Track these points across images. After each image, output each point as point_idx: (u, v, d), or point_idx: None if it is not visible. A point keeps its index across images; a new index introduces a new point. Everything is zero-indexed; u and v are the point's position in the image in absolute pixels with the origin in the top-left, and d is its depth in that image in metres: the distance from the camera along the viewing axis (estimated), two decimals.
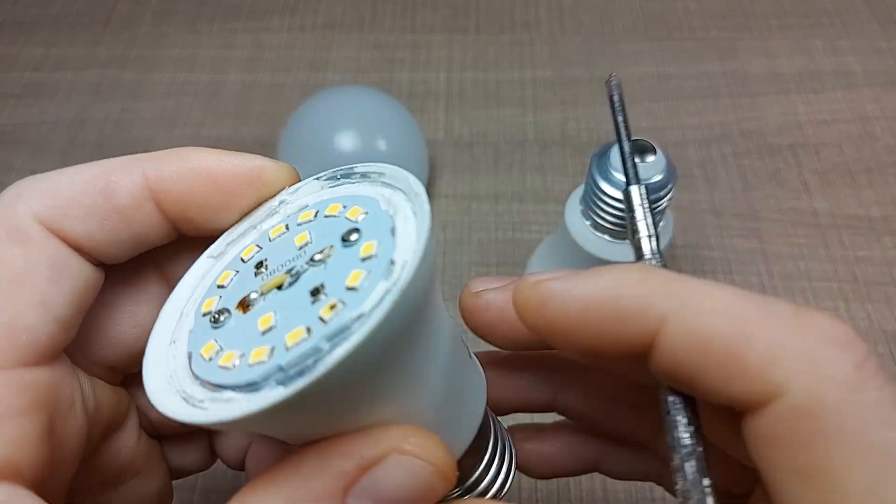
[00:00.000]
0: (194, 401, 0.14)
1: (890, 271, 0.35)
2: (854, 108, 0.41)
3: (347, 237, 0.15)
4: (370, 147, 0.34)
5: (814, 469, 0.11)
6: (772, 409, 0.12)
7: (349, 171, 0.16)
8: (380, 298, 0.13)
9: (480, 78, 0.44)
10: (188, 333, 0.15)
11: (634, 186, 0.17)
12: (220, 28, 0.47)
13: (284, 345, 0.13)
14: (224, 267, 0.16)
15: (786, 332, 0.12)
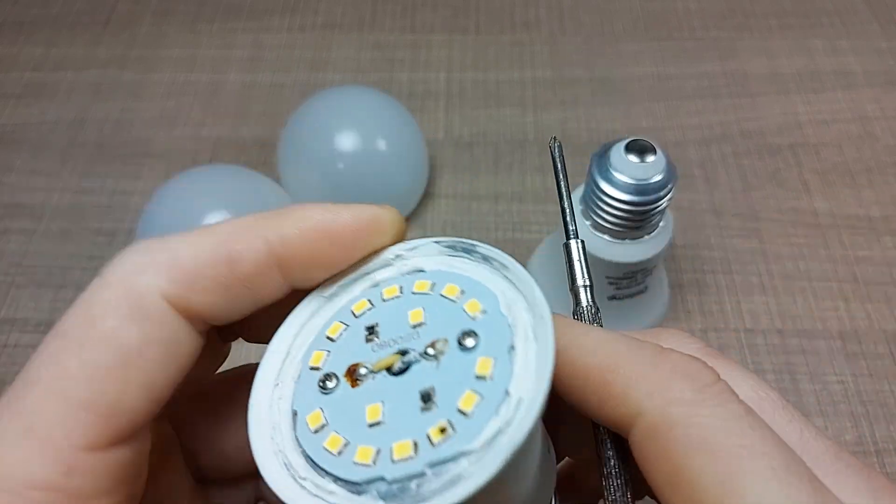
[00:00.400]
0: (296, 474, 0.14)
1: (890, 271, 0.35)
2: (854, 108, 0.41)
3: (463, 340, 0.14)
4: (370, 147, 0.34)
5: (675, 475, 0.13)
6: (636, 428, 0.14)
7: (471, 247, 0.16)
8: (490, 438, 0.13)
9: (480, 78, 0.44)
10: (293, 382, 0.15)
11: (573, 241, 0.19)
12: (220, 28, 0.47)
13: (391, 455, 0.13)
14: (334, 316, 0.16)
15: (643, 365, 0.15)
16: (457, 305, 0.15)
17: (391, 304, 0.16)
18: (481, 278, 0.15)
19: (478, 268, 0.16)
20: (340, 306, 0.16)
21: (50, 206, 0.38)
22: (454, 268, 0.16)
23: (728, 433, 0.13)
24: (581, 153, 0.40)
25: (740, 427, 0.13)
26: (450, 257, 0.16)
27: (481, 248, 0.16)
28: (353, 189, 0.34)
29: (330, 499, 0.13)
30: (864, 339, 0.33)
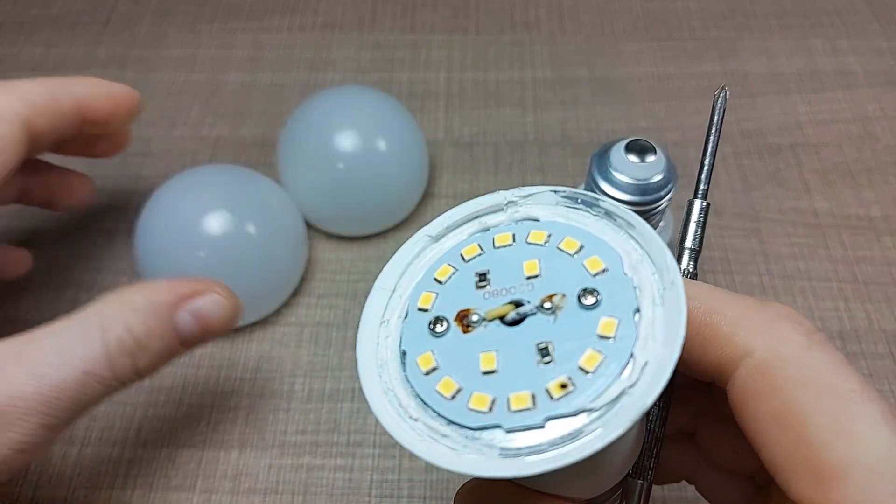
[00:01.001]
0: (407, 414, 0.14)
1: (890, 271, 0.35)
2: (854, 107, 0.41)
3: (583, 297, 0.14)
4: (370, 147, 0.34)
5: (783, 411, 0.14)
6: (742, 368, 0.15)
7: (593, 201, 0.16)
8: (613, 398, 0.13)
9: (480, 78, 0.44)
10: (400, 321, 0.15)
11: (698, 200, 0.18)
12: (220, 28, 0.47)
13: (508, 404, 0.13)
14: (442, 258, 0.16)
15: (748, 309, 0.15)
16: (575, 261, 0.15)
17: (503, 252, 0.15)
18: (603, 235, 0.15)
19: (599, 223, 0.15)
20: (448, 248, 0.16)
21: None
22: (572, 220, 0.16)
23: (838, 376, 0.14)
24: (581, 153, 0.40)
25: (848, 372, 0.14)
26: (567, 209, 0.16)
27: (605, 203, 0.15)
28: (353, 189, 0.34)
29: (443, 441, 0.13)
30: (864, 339, 0.33)
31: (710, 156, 0.19)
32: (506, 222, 0.16)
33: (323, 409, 0.31)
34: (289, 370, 0.32)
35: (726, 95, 0.19)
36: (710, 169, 0.19)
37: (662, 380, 0.12)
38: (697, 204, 0.19)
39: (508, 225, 0.16)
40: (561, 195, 0.16)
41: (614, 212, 0.15)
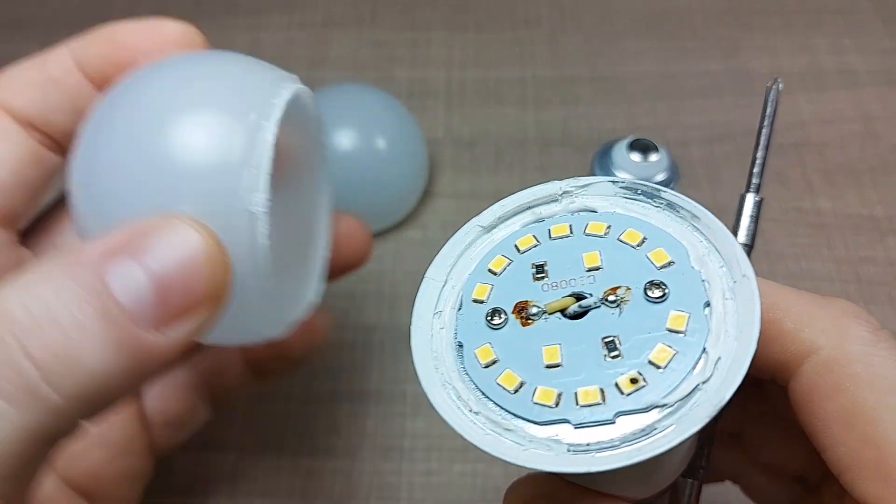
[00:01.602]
0: (468, 408, 0.13)
1: (893, 271, 0.35)
2: (857, 107, 0.41)
3: (650, 290, 0.14)
4: (370, 146, 0.34)
5: (850, 410, 0.13)
6: (807, 365, 0.14)
7: (654, 192, 0.15)
8: (686, 394, 0.12)
9: (481, 76, 0.43)
10: (454, 312, 0.15)
11: (750, 194, 0.18)
12: (218, 25, 0.47)
13: (575, 398, 0.13)
14: (495, 249, 0.16)
15: (813, 305, 0.15)
16: (639, 253, 0.14)
17: (560, 243, 0.15)
18: (666, 227, 0.15)
19: (661, 214, 0.15)
20: (501, 239, 0.16)
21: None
22: (632, 212, 0.15)
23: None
24: (582, 152, 0.39)
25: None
26: (626, 200, 0.16)
27: (667, 194, 0.15)
28: (353, 187, 0.34)
29: (507, 436, 0.13)
30: None
31: (763, 149, 0.18)
32: (561, 213, 0.16)
33: (321, 411, 0.31)
34: None
35: (779, 87, 0.18)
36: (762, 163, 0.18)
37: (740, 374, 0.12)
38: (750, 198, 0.18)
39: (564, 216, 0.16)
40: (619, 186, 0.16)
41: (677, 203, 0.15)
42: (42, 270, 0.13)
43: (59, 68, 0.19)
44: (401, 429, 0.30)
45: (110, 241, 0.14)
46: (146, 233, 0.14)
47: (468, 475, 0.29)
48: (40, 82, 0.19)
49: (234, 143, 0.16)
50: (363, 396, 0.31)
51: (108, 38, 0.20)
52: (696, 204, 0.15)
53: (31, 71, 0.19)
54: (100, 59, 0.19)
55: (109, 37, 0.20)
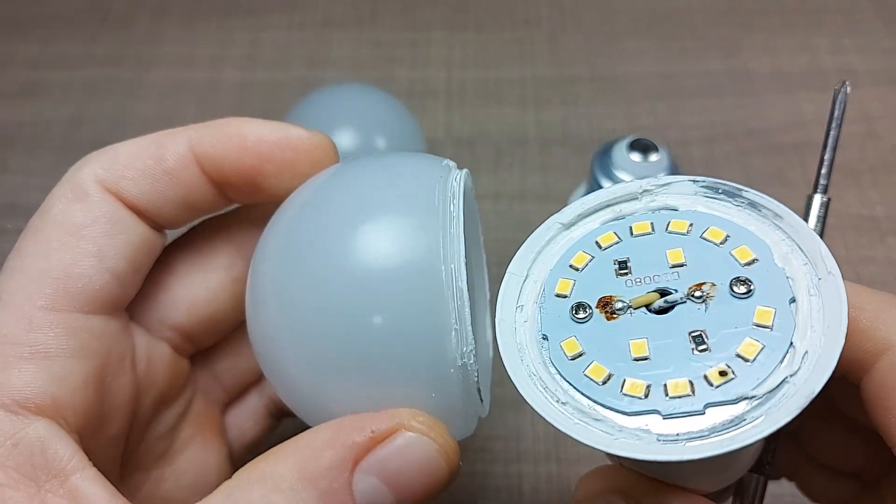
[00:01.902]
0: (556, 398, 0.14)
1: (893, 272, 0.35)
2: (857, 107, 0.41)
3: (735, 286, 0.14)
4: (369, 145, 0.34)
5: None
6: (882, 362, 0.14)
7: (735, 191, 0.16)
8: (774, 386, 0.13)
9: (481, 76, 0.43)
10: (537, 306, 0.15)
11: (817, 195, 0.18)
12: (217, 26, 0.46)
13: (665, 390, 0.13)
14: (576, 245, 0.16)
15: (887, 303, 0.15)
16: (722, 250, 0.15)
17: (643, 240, 0.15)
18: (748, 225, 0.15)
19: (742, 213, 0.15)
20: (582, 236, 0.16)
21: None
22: (714, 210, 0.15)
23: None
24: (582, 152, 0.39)
25: None
26: (707, 198, 0.16)
27: (749, 193, 0.15)
28: None
29: (595, 426, 0.13)
30: None
31: (830, 150, 0.19)
32: (642, 211, 0.16)
33: None
34: None
35: (847, 91, 0.18)
36: (829, 164, 0.18)
37: (830, 368, 0.12)
38: (818, 199, 0.19)
39: (645, 213, 0.16)
40: (700, 185, 0.16)
41: (759, 202, 0.15)
42: (286, 486, 0.14)
43: (176, 160, 0.18)
44: None
45: (343, 445, 0.15)
46: (384, 442, 0.15)
47: (468, 475, 0.29)
48: (157, 174, 0.18)
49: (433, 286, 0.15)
50: None
51: (233, 137, 0.18)
52: (778, 203, 0.15)
53: (148, 160, 0.18)
54: (221, 158, 0.18)
55: (235, 134, 0.18)
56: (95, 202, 0.17)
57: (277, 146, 0.18)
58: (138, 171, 0.18)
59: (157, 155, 0.18)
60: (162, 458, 0.20)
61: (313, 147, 0.18)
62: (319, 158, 0.19)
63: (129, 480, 0.19)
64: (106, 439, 0.17)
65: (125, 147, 0.18)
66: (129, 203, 0.18)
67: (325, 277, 0.15)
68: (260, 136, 0.18)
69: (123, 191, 0.18)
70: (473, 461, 0.29)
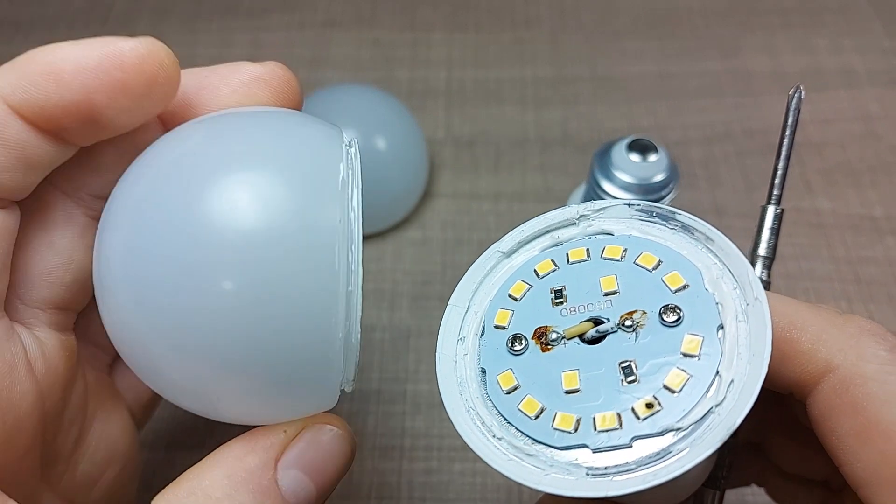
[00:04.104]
0: (491, 433, 0.14)
1: (893, 272, 0.35)
2: (857, 107, 0.41)
3: (665, 314, 0.14)
4: (370, 146, 0.34)
5: (866, 427, 0.14)
6: (824, 384, 0.14)
7: (669, 214, 0.15)
8: (699, 418, 0.13)
9: (481, 76, 0.43)
10: (477, 338, 0.15)
11: (771, 206, 0.18)
12: (218, 27, 0.47)
13: (594, 423, 0.13)
14: (515, 274, 0.16)
15: (830, 324, 0.15)
16: (654, 276, 0.14)
17: (578, 267, 0.15)
18: (681, 249, 0.15)
19: (675, 236, 0.15)
20: (521, 264, 0.16)
21: None
22: (648, 234, 0.15)
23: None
24: (582, 152, 0.39)
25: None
26: (642, 222, 0.16)
27: (682, 216, 0.15)
28: None
29: (528, 461, 0.13)
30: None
31: (784, 159, 0.18)
32: (579, 237, 0.16)
33: None
34: None
35: (801, 95, 0.18)
36: (783, 174, 0.18)
37: (751, 398, 0.12)
38: (771, 210, 0.18)
39: (582, 239, 0.16)
40: (635, 208, 0.16)
41: (692, 225, 0.15)
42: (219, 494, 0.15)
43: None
44: (401, 428, 0.30)
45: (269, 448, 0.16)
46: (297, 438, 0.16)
47: (468, 474, 0.29)
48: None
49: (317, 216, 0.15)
50: (363, 396, 0.31)
51: (47, 74, 0.15)
52: (710, 226, 0.15)
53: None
54: (41, 102, 0.15)
55: (48, 70, 0.15)
56: None
57: (101, 70, 0.15)
58: None
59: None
60: (78, 440, 0.19)
61: (142, 60, 0.16)
62: (154, 72, 0.16)
63: (49, 475, 0.18)
64: (18, 452, 0.16)
65: None
66: None
67: (188, 237, 0.14)
68: (77, 63, 0.15)
69: None
70: (474, 460, 0.29)
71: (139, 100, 0.16)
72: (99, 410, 0.19)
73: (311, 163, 0.15)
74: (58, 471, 0.18)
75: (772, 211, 0.18)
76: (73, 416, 0.18)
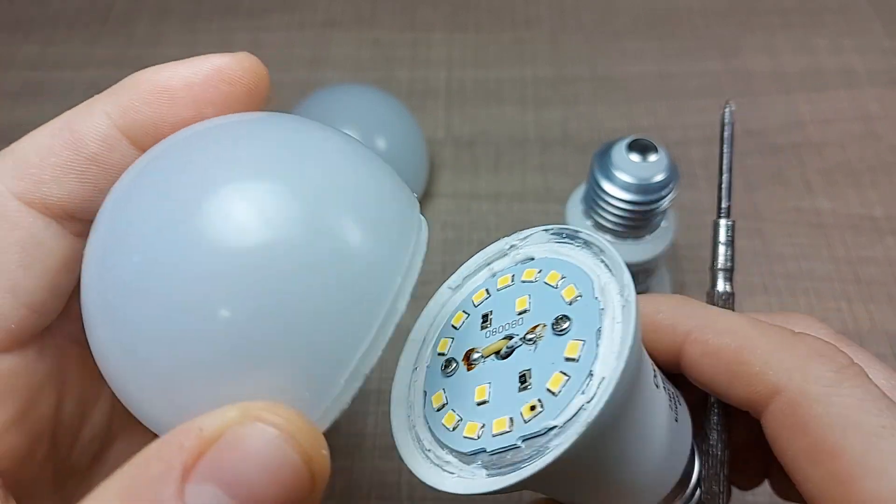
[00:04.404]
0: (423, 447, 0.16)
1: (893, 271, 0.35)
2: (857, 107, 0.41)
3: (558, 324, 0.15)
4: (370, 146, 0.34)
5: (813, 448, 0.14)
6: (773, 405, 0.15)
7: (574, 233, 0.17)
8: (573, 415, 0.14)
9: (481, 76, 0.43)
10: (426, 368, 0.17)
11: (723, 220, 0.19)
12: (218, 27, 0.47)
13: (491, 429, 0.15)
14: (459, 306, 0.18)
15: (779, 345, 0.15)
16: (556, 291, 0.16)
17: (504, 292, 0.17)
18: (581, 263, 0.16)
19: (580, 253, 0.16)
20: (464, 297, 0.18)
21: None
22: (560, 254, 0.17)
23: (868, 412, 0.14)
24: (582, 152, 0.39)
25: (878, 407, 0.14)
26: (557, 244, 0.17)
27: (583, 234, 0.17)
28: None
29: (446, 467, 0.15)
30: (866, 340, 0.32)
31: (727, 172, 0.19)
32: (509, 265, 0.18)
33: None
34: None
35: (731, 110, 0.19)
36: (728, 186, 0.19)
37: (608, 392, 0.13)
38: (723, 224, 0.19)
39: (511, 267, 0.17)
40: (550, 232, 0.17)
41: (589, 240, 0.16)
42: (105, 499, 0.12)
43: (99, 142, 0.15)
44: None
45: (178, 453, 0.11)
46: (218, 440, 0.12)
47: None
48: (80, 165, 0.15)
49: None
50: (363, 395, 0.31)
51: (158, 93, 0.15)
52: (601, 239, 0.16)
53: (65, 152, 0.15)
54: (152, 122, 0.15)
55: (158, 89, 0.15)
56: (8, 227, 0.14)
57: (210, 84, 0.15)
58: (58, 169, 0.15)
59: (73, 142, 0.15)
60: (97, 458, 0.19)
61: (245, 72, 0.16)
62: (255, 83, 0.16)
63: (63, 488, 0.17)
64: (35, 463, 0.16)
65: (30, 143, 0.15)
66: (56, 211, 0.15)
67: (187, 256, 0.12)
68: (186, 79, 0.15)
69: (47, 197, 0.15)
70: None
71: (241, 110, 0.16)
72: (123, 432, 0.19)
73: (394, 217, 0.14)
74: (71, 485, 0.18)
75: (724, 224, 0.19)
76: (93, 433, 0.18)
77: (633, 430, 0.15)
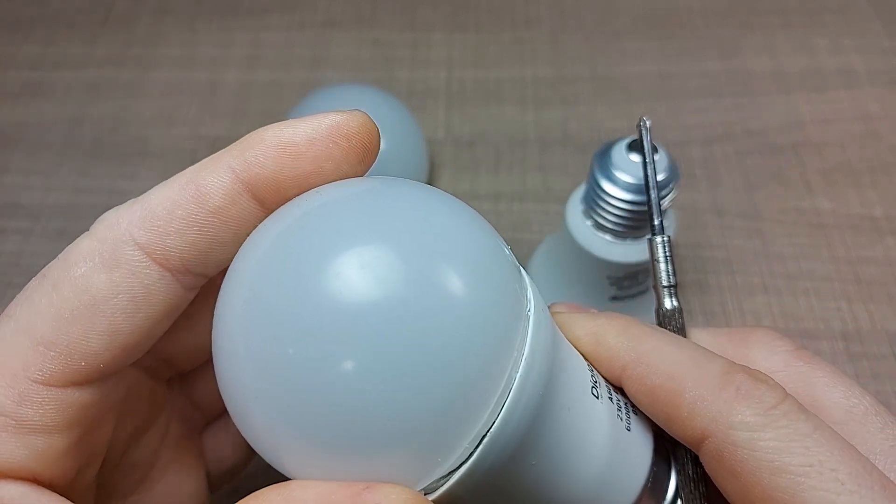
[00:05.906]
0: None
1: (893, 271, 0.35)
2: (857, 107, 0.41)
3: None
4: None
5: (745, 494, 0.15)
6: (704, 449, 0.15)
7: None
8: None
9: (481, 76, 0.43)
10: None
11: (658, 237, 0.19)
12: (218, 26, 0.47)
13: None
14: None
15: (708, 388, 0.15)
16: None
17: None
18: None
19: None
20: None
21: (47, 205, 0.38)
22: None
23: (793, 453, 0.14)
24: (582, 152, 0.39)
25: (805, 445, 0.14)
26: None
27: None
28: None
29: None
30: (866, 340, 0.32)
31: (654, 189, 0.19)
32: None
33: None
34: None
35: (647, 126, 0.19)
36: (657, 202, 0.19)
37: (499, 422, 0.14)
38: (658, 241, 0.19)
39: None
40: None
41: None
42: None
43: (222, 196, 0.15)
44: None
45: (354, 494, 0.13)
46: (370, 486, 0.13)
47: None
48: (203, 219, 0.15)
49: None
50: None
51: (281, 148, 0.15)
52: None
53: (191, 206, 0.15)
54: (275, 176, 0.15)
55: (282, 144, 0.15)
56: (124, 274, 0.15)
57: (330, 140, 0.16)
58: (182, 222, 0.15)
59: (198, 196, 0.15)
60: (140, 484, 0.19)
61: (361, 128, 0.17)
62: (370, 139, 0.17)
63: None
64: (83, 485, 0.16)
65: (158, 196, 0.16)
66: (174, 263, 0.15)
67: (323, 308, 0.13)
68: (308, 135, 0.16)
69: (169, 249, 0.15)
70: None
71: (356, 166, 0.16)
72: (174, 464, 0.19)
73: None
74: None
75: (659, 241, 0.19)
76: (140, 460, 0.19)
77: (555, 448, 0.15)
